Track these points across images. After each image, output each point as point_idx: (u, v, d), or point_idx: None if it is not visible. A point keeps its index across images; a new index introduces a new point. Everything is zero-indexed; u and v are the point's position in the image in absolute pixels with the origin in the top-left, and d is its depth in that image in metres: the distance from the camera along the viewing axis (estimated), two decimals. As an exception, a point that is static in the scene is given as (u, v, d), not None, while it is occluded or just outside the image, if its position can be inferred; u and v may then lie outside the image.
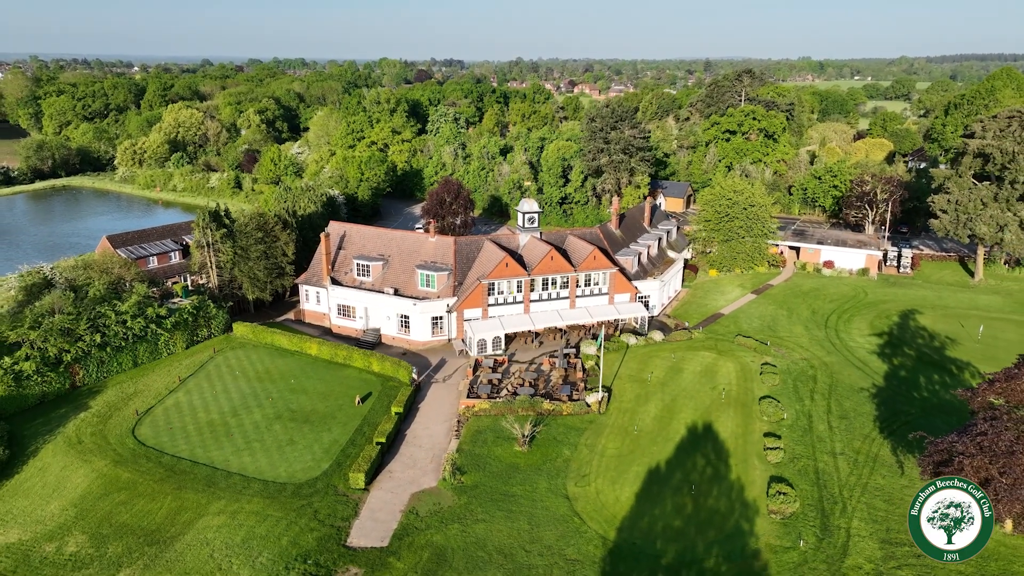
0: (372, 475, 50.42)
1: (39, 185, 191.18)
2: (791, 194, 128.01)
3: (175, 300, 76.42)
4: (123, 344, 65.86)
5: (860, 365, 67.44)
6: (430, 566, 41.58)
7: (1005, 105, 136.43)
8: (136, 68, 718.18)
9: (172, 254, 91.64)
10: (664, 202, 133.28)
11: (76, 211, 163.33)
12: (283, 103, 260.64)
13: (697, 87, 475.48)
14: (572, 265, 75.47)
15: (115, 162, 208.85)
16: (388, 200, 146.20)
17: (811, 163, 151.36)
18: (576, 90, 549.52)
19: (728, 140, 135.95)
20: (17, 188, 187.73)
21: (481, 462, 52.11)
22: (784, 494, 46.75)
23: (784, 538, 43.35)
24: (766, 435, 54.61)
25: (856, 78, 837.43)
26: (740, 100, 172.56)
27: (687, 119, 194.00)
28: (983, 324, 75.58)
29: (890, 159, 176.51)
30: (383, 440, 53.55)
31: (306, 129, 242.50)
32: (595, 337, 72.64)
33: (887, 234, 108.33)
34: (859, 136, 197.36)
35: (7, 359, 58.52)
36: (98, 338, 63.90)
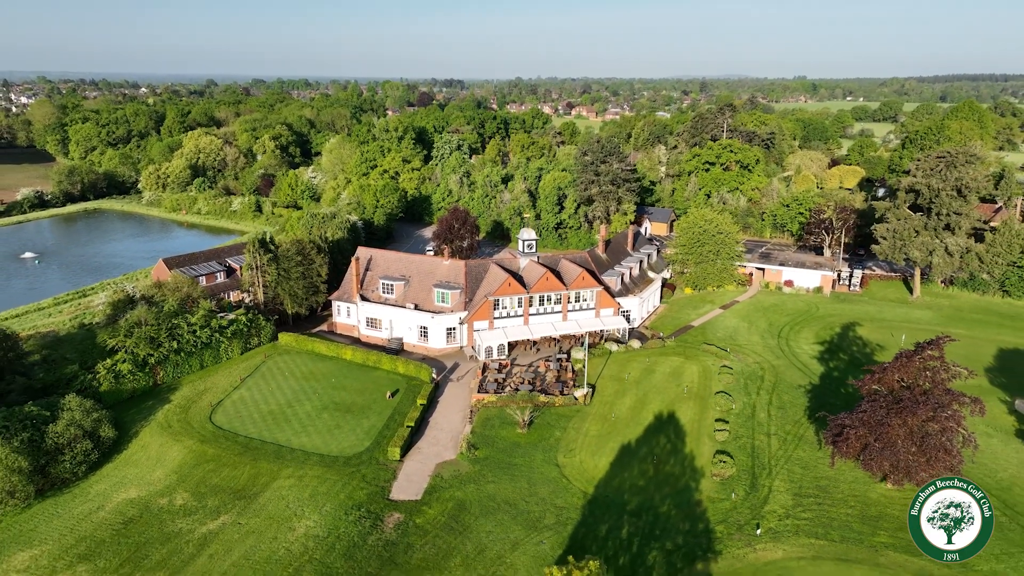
0: (405, 450, 64.22)
1: (71, 208, 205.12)
2: (763, 219, 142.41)
3: (222, 314, 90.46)
4: (193, 350, 79.85)
5: (801, 367, 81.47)
6: (454, 512, 55.36)
7: (955, 141, 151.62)
8: (144, 89, 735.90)
9: (218, 274, 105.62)
10: (650, 226, 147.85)
11: (111, 233, 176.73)
12: (295, 129, 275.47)
13: (691, 108, 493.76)
14: (564, 284, 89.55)
15: (139, 186, 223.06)
16: (400, 224, 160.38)
17: (787, 189, 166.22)
18: (573, 112, 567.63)
19: (708, 170, 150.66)
20: (51, 211, 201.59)
21: (490, 441, 65.98)
22: (724, 462, 60.65)
23: (721, 492, 57.19)
24: (717, 420, 68.49)
25: (848, 99, 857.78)
26: (723, 131, 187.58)
27: (675, 147, 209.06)
28: (912, 335, 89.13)
29: (862, 185, 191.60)
30: (412, 424, 67.40)
31: (317, 154, 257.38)
32: (583, 345, 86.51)
33: (845, 256, 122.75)
34: (835, 163, 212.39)
35: (108, 361, 72.64)
36: (174, 344, 77.93)
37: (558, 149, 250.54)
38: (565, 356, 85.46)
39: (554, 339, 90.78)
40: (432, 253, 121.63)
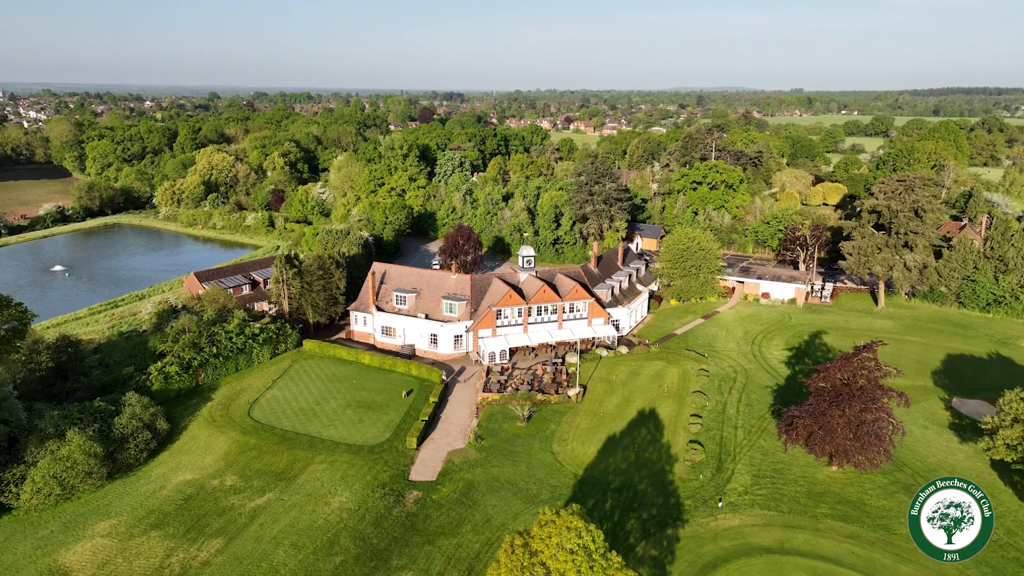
0: (420, 440, 74.12)
1: (91, 223, 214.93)
2: (746, 236, 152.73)
3: (253, 322, 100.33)
4: (230, 354, 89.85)
5: (770, 370, 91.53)
6: (464, 490, 65.26)
7: (925, 164, 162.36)
8: (149, 103, 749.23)
9: (244, 286, 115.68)
10: (641, 242, 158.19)
11: (132, 247, 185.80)
12: (302, 145, 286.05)
13: (686, 123, 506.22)
14: (560, 296, 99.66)
15: (155, 201, 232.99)
16: (406, 239, 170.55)
17: (772, 206, 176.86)
18: (572, 127, 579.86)
19: (695, 189, 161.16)
20: (73, 226, 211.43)
21: (494, 432, 75.95)
22: (696, 450, 70.65)
23: (691, 474, 67.14)
24: (692, 415, 78.46)
25: (843, 112, 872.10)
26: (711, 151, 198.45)
27: (666, 165, 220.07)
28: (868, 341, 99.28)
29: (845, 201, 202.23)
30: (426, 418, 77.32)
31: (324, 170, 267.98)
32: (577, 350, 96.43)
33: (820, 270, 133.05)
34: (819, 180, 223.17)
35: (159, 363, 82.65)
36: (214, 350, 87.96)
37: (556, 165, 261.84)
38: (560, 360, 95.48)
39: (550, 345, 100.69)
40: (438, 267, 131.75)
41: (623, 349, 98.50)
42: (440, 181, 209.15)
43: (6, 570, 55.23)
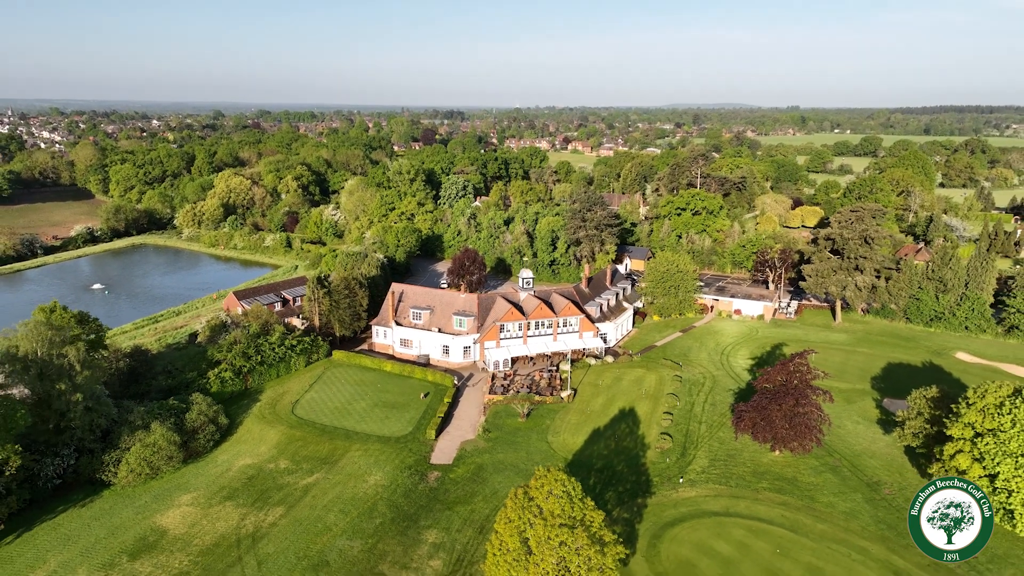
0: (438, 432, 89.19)
1: (119, 243, 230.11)
2: (724, 257, 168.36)
3: (288, 336, 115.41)
4: (272, 362, 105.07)
5: (734, 376, 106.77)
6: (475, 471, 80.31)
7: (887, 191, 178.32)
8: (156, 121, 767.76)
9: (276, 304, 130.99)
10: (630, 263, 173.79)
11: (160, 267, 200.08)
12: (313, 168, 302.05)
13: (681, 143, 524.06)
14: (554, 313, 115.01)
15: (176, 223, 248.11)
16: (415, 259, 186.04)
17: (754, 228, 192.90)
18: (570, 147, 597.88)
19: (679, 215, 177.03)
20: (101, 247, 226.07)
21: (499, 427, 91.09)
22: (665, 439, 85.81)
23: (660, 458, 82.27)
24: (664, 413, 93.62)
25: (836, 131, 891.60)
26: (697, 178, 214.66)
27: (656, 190, 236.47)
28: (825, 353, 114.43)
29: (822, 223, 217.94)
30: (441, 415, 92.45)
31: (335, 191, 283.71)
32: (569, 360, 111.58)
33: (789, 289, 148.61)
34: (798, 203, 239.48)
35: (216, 370, 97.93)
36: (259, 358, 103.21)
37: (554, 187, 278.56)
38: (555, 368, 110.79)
39: (546, 355, 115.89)
40: (446, 286, 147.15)
41: (609, 359, 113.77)
42: (445, 204, 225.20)
43: (117, 529, 70.26)
